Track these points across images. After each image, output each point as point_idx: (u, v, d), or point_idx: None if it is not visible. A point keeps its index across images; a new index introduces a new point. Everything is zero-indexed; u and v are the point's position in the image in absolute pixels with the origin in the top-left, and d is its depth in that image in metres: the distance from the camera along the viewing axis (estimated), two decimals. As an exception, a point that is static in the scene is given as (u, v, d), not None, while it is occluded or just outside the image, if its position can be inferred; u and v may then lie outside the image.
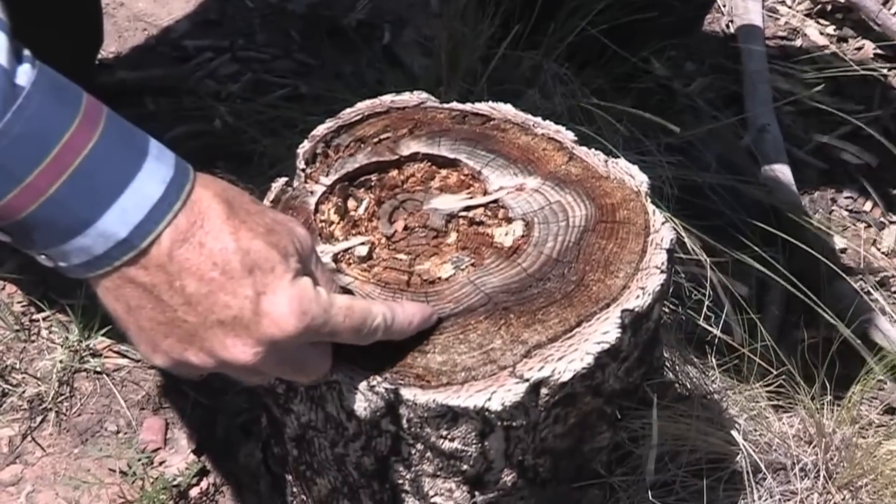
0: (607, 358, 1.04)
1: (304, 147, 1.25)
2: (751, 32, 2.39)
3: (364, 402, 1.02)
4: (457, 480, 1.08)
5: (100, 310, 1.73)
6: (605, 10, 1.89)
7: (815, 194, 2.20)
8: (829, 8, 2.60)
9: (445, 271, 1.11)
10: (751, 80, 2.27)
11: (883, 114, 2.33)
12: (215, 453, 1.66)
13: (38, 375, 1.72)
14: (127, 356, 1.76)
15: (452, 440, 1.03)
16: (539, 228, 1.14)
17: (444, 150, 1.25)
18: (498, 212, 1.18)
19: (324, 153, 1.25)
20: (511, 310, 1.05)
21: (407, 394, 1.00)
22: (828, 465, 1.25)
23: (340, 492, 1.18)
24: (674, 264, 1.14)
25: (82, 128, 0.83)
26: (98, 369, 1.74)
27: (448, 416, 1.01)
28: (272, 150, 1.98)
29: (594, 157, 1.24)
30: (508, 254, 1.12)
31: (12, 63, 0.81)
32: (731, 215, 1.81)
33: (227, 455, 1.64)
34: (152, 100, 2.23)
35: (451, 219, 1.18)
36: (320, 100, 2.11)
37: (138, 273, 0.87)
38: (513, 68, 1.92)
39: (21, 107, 0.81)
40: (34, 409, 1.69)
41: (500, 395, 0.99)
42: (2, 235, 0.86)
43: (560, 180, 1.20)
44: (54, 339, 1.78)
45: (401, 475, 1.10)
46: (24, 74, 0.82)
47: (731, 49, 2.41)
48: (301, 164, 1.24)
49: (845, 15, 2.59)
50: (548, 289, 1.07)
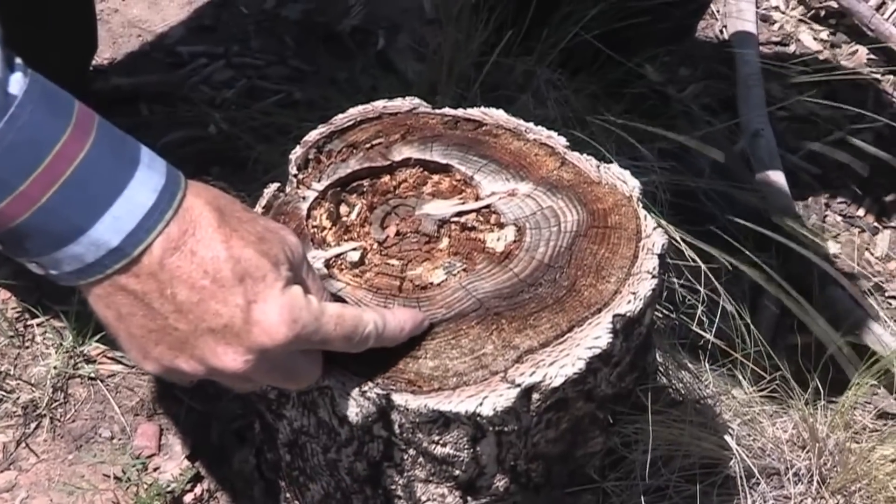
0: (599, 363, 1.05)
1: (296, 153, 1.25)
2: (744, 38, 2.39)
3: (356, 407, 1.02)
4: (449, 486, 1.09)
5: (94, 316, 1.72)
6: (598, 16, 1.89)
7: (809, 199, 2.20)
8: (822, 13, 2.61)
9: (437, 277, 1.11)
10: (744, 86, 2.27)
11: (876, 118, 2.33)
12: (209, 459, 1.65)
13: (33, 381, 1.71)
14: (121, 362, 1.75)
15: (444, 445, 1.03)
16: (531, 234, 1.14)
17: (437, 155, 1.25)
18: (490, 217, 1.18)
19: (316, 159, 1.25)
20: (503, 315, 1.05)
21: (398, 399, 1.00)
22: (821, 470, 1.25)
23: (333, 497, 1.18)
24: (666, 269, 1.15)
25: (74, 136, 0.84)
26: (92, 375, 1.73)
27: (440, 422, 1.01)
28: (266, 157, 1.98)
29: (586, 162, 1.24)
30: (500, 259, 1.12)
31: (4, 72, 0.82)
32: (725, 220, 1.81)
33: (222, 461, 1.63)
34: (147, 106, 2.23)
35: (442, 224, 1.18)
36: (315, 106, 2.11)
37: (129, 281, 0.87)
38: (506, 74, 1.92)
39: (13, 116, 0.81)
40: (28, 415, 1.69)
41: (491, 400, 0.99)
42: None
43: (552, 185, 1.20)
44: (48, 345, 1.77)
45: (393, 481, 1.10)
46: (17, 83, 0.82)
47: (724, 54, 2.41)
48: (293, 170, 1.24)
49: (839, 20, 2.59)
50: (539, 294, 1.07)
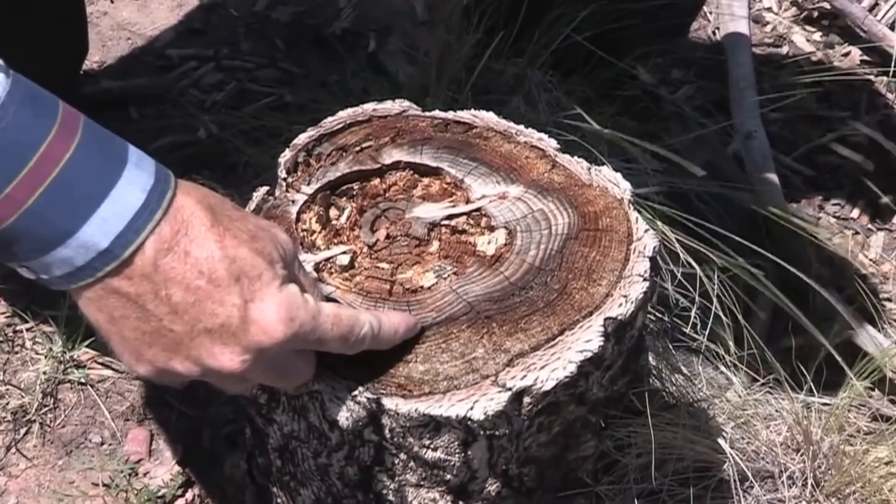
0: (590, 366, 1.05)
1: (286, 156, 1.25)
2: (737, 39, 2.39)
3: (346, 411, 1.02)
4: (440, 490, 1.08)
5: (84, 320, 1.73)
6: (589, 18, 1.89)
7: (803, 201, 2.21)
8: (815, 15, 2.61)
9: (428, 280, 1.11)
10: (737, 87, 2.27)
11: (869, 120, 2.34)
12: (200, 464, 1.65)
13: (22, 387, 1.71)
14: (111, 367, 1.75)
15: (435, 450, 1.03)
16: (522, 237, 1.14)
17: (427, 158, 1.25)
18: (480, 220, 1.18)
19: (305, 162, 1.25)
20: (493, 318, 1.05)
21: (389, 403, 1.00)
22: (815, 473, 1.25)
23: (325, 502, 1.18)
24: (657, 272, 1.15)
25: (59, 137, 0.83)
26: (82, 380, 1.73)
27: (430, 426, 1.01)
28: (257, 160, 1.98)
29: (577, 164, 1.24)
30: (491, 262, 1.12)
31: None
32: (719, 222, 1.81)
33: (213, 466, 1.63)
34: (136, 109, 2.24)
35: (433, 227, 1.18)
36: (305, 109, 2.11)
37: (122, 283, 0.86)
38: (497, 76, 1.92)
39: None
40: (18, 420, 1.69)
41: (482, 404, 0.99)
42: None
43: (543, 188, 1.20)
44: (38, 350, 1.77)
45: (384, 485, 1.10)
46: None
47: (717, 56, 2.41)
48: (282, 174, 1.24)
49: (832, 22, 2.60)
50: (530, 297, 1.08)
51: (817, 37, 2.57)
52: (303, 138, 1.28)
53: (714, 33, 2.53)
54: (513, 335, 1.04)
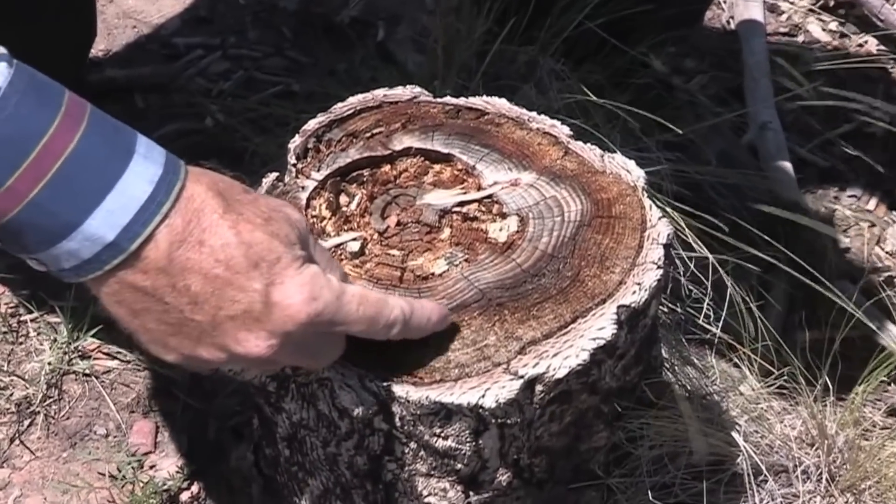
0: (603, 354, 1.05)
1: (295, 142, 1.26)
2: (752, 28, 2.39)
3: (356, 399, 1.02)
4: (451, 480, 1.09)
5: (90, 311, 1.74)
6: (602, 4, 1.89)
7: (818, 192, 2.21)
8: (831, 3, 2.61)
9: (439, 267, 1.12)
10: (752, 76, 2.27)
11: (886, 110, 2.33)
12: (206, 456, 1.66)
13: (26, 378, 1.72)
14: (117, 358, 1.76)
15: (446, 438, 1.04)
16: (534, 224, 1.15)
17: (438, 144, 1.25)
18: (492, 207, 1.18)
19: (315, 148, 1.26)
20: (505, 306, 1.06)
21: (399, 391, 1.00)
22: (830, 468, 1.25)
23: (333, 493, 1.19)
24: (671, 260, 1.15)
25: (63, 128, 0.83)
26: (87, 371, 1.74)
27: (441, 414, 1.01)
28: (264, 149, 1.99)
29: (590, 151, 1.24)
30: (503, 249, 1.12)
31: None
32: (732, 213, 1.81)
33: (219, 458, 1.64)
34: (142, 98, 2.24)
35: (444, 214, 1.18)
36: (313, 97, 2.11)
37: (137, 277, 0.86)
38: (508, 64, 1.92)
39: None
40: (22, 412, 1.69)
41: (494, 391, 0.99)
42: None
43: (555, 175, 1.21)
44: (42, 340, 1.78)
45: (394, 475, 1.10)
46: (0, 74, 0.81)
47: (731, 45, 2.41)
48: (292, 159, 1.24)
49: (848, 10, 2.59)
50: (543, 284, 1.08)
51: (833, 26, 2.57)
52: (313, 124, 1.28)
53: (728, 22, 2.53)
54: (525, 322, 1.04)
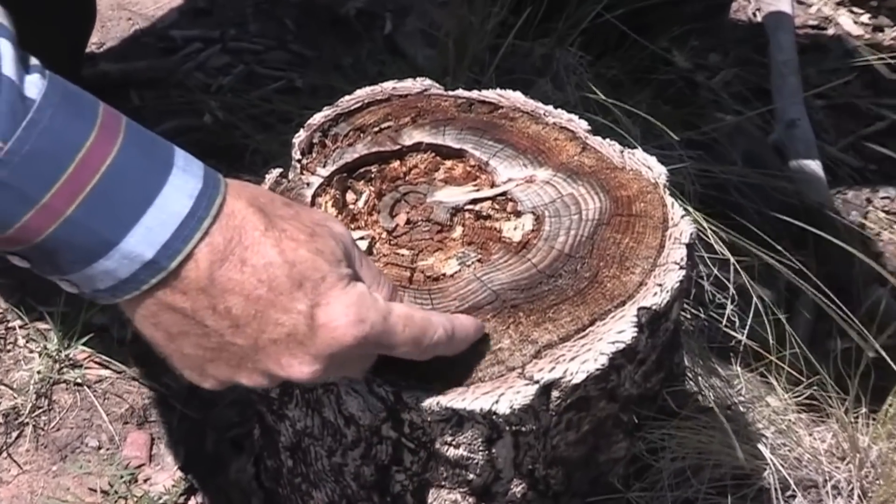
0: (623, 359, 1.05)
1: (300, 136, 1.26)
2: (779, 21, 2.40)
3: (363, 405, 1.02)
4: (462, 491, 1.09)
5: (81, 317, 1.75)
6: (622, -5, 1.90)
7: (849, 194, 2.21)
8: (863, -5, 2.62)
9: (450, 267, 1.12)
10: (779, 73, 2.27)
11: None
12: (204, 470, 1.66)
13: (15, 387, 1.72)
14: (109, 367, 1.76)
15: (458, 447, 1.04)
16: (550, 222, 1.15)
17: (449, 139, 1.26)
18: (506, 205, 1.19)
19: (321, 143, 1.26)
20: (520, 308, 1.06)
21: (409, 396, 1.00)
22: (862, 483, 1.25)
23: (338, 505, 1.19)
24: (694, 261, 1.15)
25: (99, 141, 0.82)
26: (78, 381, 1.74)
27: (453, 421, 1.01)
28: (266, 146, 1.99)
29: (609, 147, 1.25)
30: (517, 249, 1.13)
31: (20, 74, 0.80)
32: (758, 215, 1.81)
33: (217, 471, 1.64)
34: (137, 94, 2.25)
35: (456, 212, 1.19)
36: (317, 93, 2.12)
37: (176, 298, 0.86)
38: (523, 57, 1.93)
39: (32, 121, 0.79)
40: (10, 423, 1.70)
41: (508, 397, 0.99)
42: (19, 261, 0.85)
43: (572, 172, 1.21)
44: (32, 348, 1.78)
45: (402, 486, 1.10)
46: (34, 86, 0.80)
47: (758, 39, 2.41)
48: (297, 155, 1.25)
49: (880, 3, 2.59)
50: (559, 286, 1.08)
51: (865, 18, 2.57)
52: (318, 118, 1.29)
53: (755, 14, 2.53)
54: (540, 325, 1.04)
